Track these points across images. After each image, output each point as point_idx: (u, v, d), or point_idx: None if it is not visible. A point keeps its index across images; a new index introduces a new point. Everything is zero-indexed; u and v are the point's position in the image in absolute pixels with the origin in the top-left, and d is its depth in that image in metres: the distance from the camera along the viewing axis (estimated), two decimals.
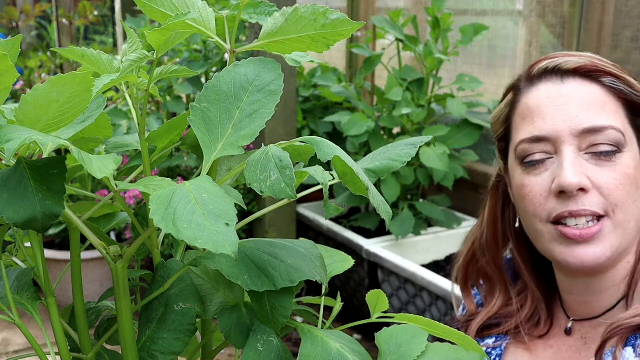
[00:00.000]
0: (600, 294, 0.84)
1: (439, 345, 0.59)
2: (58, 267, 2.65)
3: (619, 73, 0.81)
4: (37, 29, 5.02)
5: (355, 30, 0.56)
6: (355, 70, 3.36)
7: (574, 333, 0.87)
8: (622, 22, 2.26)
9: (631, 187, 0.80)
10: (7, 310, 0.58)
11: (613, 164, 0.79)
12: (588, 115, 0.79)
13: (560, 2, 2.44)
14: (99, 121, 0.60)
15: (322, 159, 0.52)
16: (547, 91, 0.82)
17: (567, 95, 0.80)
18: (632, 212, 0.80)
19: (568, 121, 0.79)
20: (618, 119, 0.80)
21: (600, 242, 0.79)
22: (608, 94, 0.80)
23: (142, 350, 0.58)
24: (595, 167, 0.79)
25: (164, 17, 0.57)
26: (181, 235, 0.44)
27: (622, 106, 0.81)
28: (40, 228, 0.49)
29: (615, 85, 0.80)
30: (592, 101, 0.80)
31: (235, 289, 0.61)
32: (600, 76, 0.80)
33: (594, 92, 0.80)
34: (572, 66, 0.81)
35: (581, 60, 0.81)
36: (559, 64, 0.81)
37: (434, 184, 2.57)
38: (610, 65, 0.81)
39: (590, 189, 0.79)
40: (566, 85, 0.81)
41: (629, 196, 0.80)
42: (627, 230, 0.81)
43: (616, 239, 0.80)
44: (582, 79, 0.81)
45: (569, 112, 0.80)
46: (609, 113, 0.80)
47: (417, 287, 2.21)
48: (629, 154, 0.80)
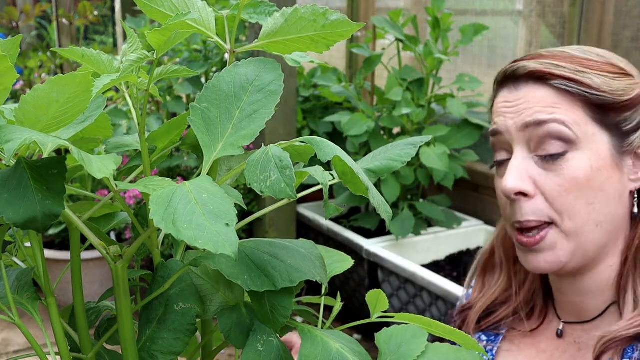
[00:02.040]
0: (586, 295, 0.84)
1: (439, 345, 0.59)
2: (58, 267, 2.66)
3: (571, 75, 0.80)
4: (37, 29, 5.02)
5: (355, 31, 0.56)
6: (355, 70, 3.36)
7: (566, 336, 0.87)
8: (622, 22, 2.26)
9: (581, 190, 0.78)
10: (7, 310, 0.58)
11: (559, 168, 0.79)
12: (534, 109, 0.80)
13: (560, 2, 2.44)
14: (99, 121, 0.60)
15: (322, 159, 0.52)
16: (504, 97, 0.85)
17: (519, 98, 0.82)
18: (584, 217, 0.79)
19: (514, 118, 0.82)
20: (569, 114, 0.79)
21: (549, 249, 0.80)
22: (561, 95, 0.80)
23: (142, 350, 0.58)
24: (541, 171, 0.79)
25: (164, 17, 0.57)
26: (181, 235, 0.44)
27: (581, 106, 0.80)
28: (40, 228, 0.49)
29: (566, 88, 0.80)
30: (542, 101, 0.80)
31: (235, 289, 0.61)
32: (551, 79, 0.80)
33: (544, 93, 0.81)
34: (523, 72, 0.82)
35: (533, 66, 0.81)
36: (514, 70, 0.83)
37: (434, 184, 2.57)
38: (568, 65, 0.80)
39: (535, 195, 0.79)
40: (519, 90, 0.82)
41: (578, 201, 0.78)
42: (583, 235, 0.79)
43: (569, 245, 0.79)
44: (535, 82, 0.82)
45: (517, 110, 0.82)
46: (559, 110, 0.79)
47: (417, 287, 2.21)
48: (584, 154, 0.79)
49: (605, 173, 0.79)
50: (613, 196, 0.80)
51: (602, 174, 0.79)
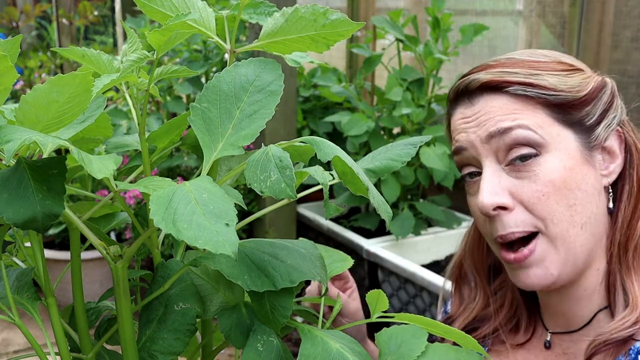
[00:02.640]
0: (574, 303, 0.82)
1: (439, 346, 0.59)
2: (58, 267, 2.66)
3: (525, 79, 0.78)
4: (37, 29, 5.02)
5: (355, 30, 0.56)
6: (355, 70, 3.36)
7: (554, 347, 0.85)
8: (622, 22, 2.26)
9: (559, 192, 0.76)
10: (7, 310, 0.58)
11: (533, 173, 0.76)
12: (495, 120, 0.78)
13: (560, 2, 2.44)
14: (99, 121, 0.61)
15: (322, 159, 0.52)
16: (461, 113, 0.82)
17: (477, 111, 0.80)
18: (568, 219, 0.76)
19: (477, 130, 0.79)
20: (532, 118, 0.77)
21: (539, 262, 0.77)
22: (519, 100, 0.78)
23: (142, 350, 0.58)
24: (515, 181, 0.77)
25: (164, 17, 0.57)
26: (181, 235, 0.44)
27: (542, 108, 0.78)
28: (40, 228, 0.49)
29: (523, 92, 0.78)
30: (501, 109, 0.78)
31: (235, 289, 0.61)
32: (506, 87, 0.78)
33: (502, 101, 0.79)
34: (476, 85, 0.80)
35: (485, 77, 0.80)
36: (467, 84, 0.81)
37: (434, 184, 2.57)
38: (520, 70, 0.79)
39: (513, 206, 0.77)
40: (475, 104, 0.81)
41: (558, 204, 0.76)
42: (570, 240, 0.77)
43: (557, 254, 0.77)
44: (490, 92, 0.79)
45: (478, 122, 0.79)
46: (520, 116, 0.77)
47: (417, 287, 2.21)
48: (555, 155, 0.77)
49: (579, 172, 0.77)
50: (592, 194, 0.78)
51: (577, 173, 0.77)
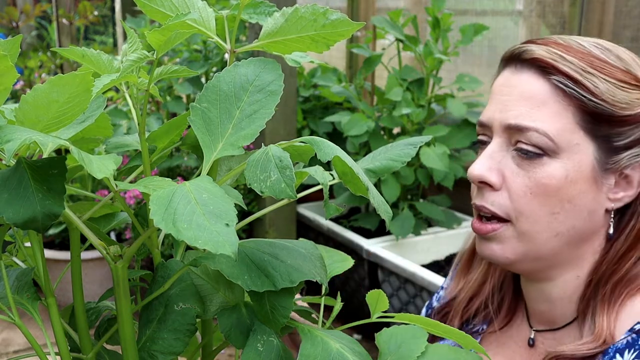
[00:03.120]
0: (552, 303, 0.81)
1: (439, 346, 0.59)
2: (58, 267, 2.65)
3: (574, 74, 0.74)
4: (37, 29, 5.02)
5: (355, 30, 0.56)
6: (355, 70, 3.36)
7: (538, 345, 0.84)
8: (622, 22, 2.26)
9: (547, 198, 0.74)
10: (7, 310, 0.58)
11: (533, 168, 0.75)
12: (519, 111, 0.75)
13: (560, 2, 2.44)
14: (99, 121, 0.60)
15: (322, 159, 0.52)
16: (505, 77, 0.80)
17: (514, 85, 0.77)
18: (544, 224, 0.75)
19: (502, 112, 0.77)
20: (554, 122, 0.74)
21: (499, 242, 0.77)
22: (554, 93, 0.74)
23: (142, 350, 0.58)
24: (515, 167, 0.76)
25: (164, 17, 0.57)
26: (181, 235, 0.44)
27: (573, 110, 0.74)
28: (40, 228, 0.49)
29: (564, 87, 0.74)
30: (532, 97, 0.75)
31: (235, 289, 0.61)
32: (551, 73, 0.75)
33: (539, 88, 0.75)
34: (528, 57, 0.77)
35: (539, 53, 0.76)
36: (521, 52, 0.78)
37: (434, 184, 2.57)
38: (576, 61, 0.74)
39: (500, 188, 0.76)
40: (519, 75, 0.77)
41: (542, 208, 0.75)
42: (539, 242, 0.76)
43: (520, 246, 0.76)
44: (535, 71, 0.76)
45: (506, 103, 0.77)
46: (544, 114, 0.74)
47: (417, 287, 2.21)
48: (563, 163, 0.74)
49: (579, 186, 0.74)
50: (581, 211, 0.75)
51: (576, 187, 0.74)
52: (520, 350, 0.86)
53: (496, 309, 0.89)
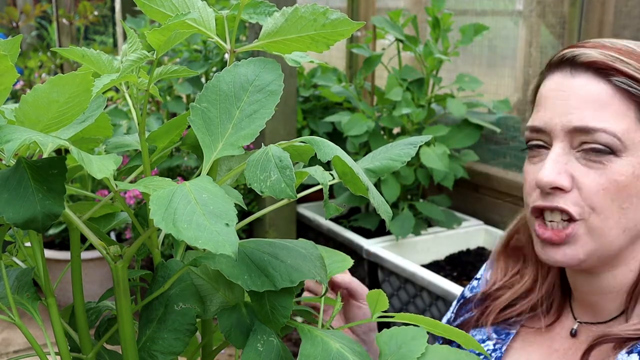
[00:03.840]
0: (602, 295, 0.83)
1: (439, 347, 0.59)
2: (58, 267, 2.65)
3: (635, 74, 0.76)
4: (37, 29, 5.02)
5: (355, 30, 0.56)
6: (355, 70, 3.36)
7: (580, 336, 0.86)
8: (622, 22, 2.26)
9: (618, 193, 0.76)
10: (7, 310, 0.58)
11: (602, 166, 0.76)
12: (584, 113, 0.77)
13: (560, 2, 2.44)
14: (99, 121, 0.60)
15: (322, 159, 0.52)
16: (556, 82, 0.80)
17: (572, 89, 0.78)
18: (614, 219, 0.77)
19: (563, 116, 0.78)
20: (620, 122, 0.76)
21: (571, 244, 0.78)
22: (617, 94, 0.76)
23: (142, 350, 0.58)
24: (582, 168, 0.77)
25: (164, 17, 0.57)
26: (181, 235, 0.44)
27: (635, 109, 0.76)
28: (40, 228, 0.49)
29: (627, 87, 0.76)
30: (594, 100, 0.77)
31: (235, 289, 0.61)
32: (612, 75, 0.76)
33: (599, 90, 0.77)
34: (584, 60, 0.78)
35: (596, 56, 0.77)
36: (575, 56, 0.79)
37: (434, 184, 2.57)
38: (633, 62, 0.77)
39: (570, 190, 0.77)
40: (575, 79, 0.78)
41: (613, 203, 0.76)
42: (607, 236, 0.78)
43: (591, 243, 0.78)
44: (593, 74, 0.77)
45: (567, 107, 0.78)
46: (610, 114, 0.76)
47: (417, 287, 2.21)
48: (629, 161, 0.76)
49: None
50: None
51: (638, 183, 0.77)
52: (562, 340, 0.88)
53: (545, 311, 0.90)
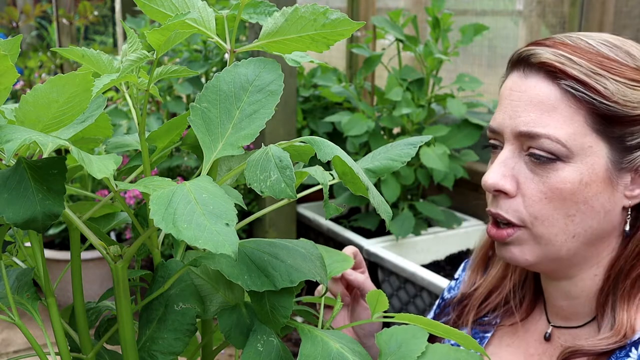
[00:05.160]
0: (571, 300, 0.82)
1: (439, 346, 0.59)
2: (58, 267, 2.65)
3: (582, 77, 0.73)
4: (37, 29, 5.02)
5: (355, 30, 0.56)
6: (355, 70, 3.36)
7: (554, 340, 0.85)
8: (622, 22, 2.26)
9: (562, 202, 0.74)
10: (7, 310, 0.58)
11: (546, 173, 0.74)
12: (530, 117, 0.75)
13: (560, 2, 2.44)
14: (99, 121, 0.61)
15: (322, 159, 0.52)
16: (513, 82, 0.79)
17: (523, 91, 0.76)
18: (560, 227, 0.75)
19: (512, 119, 0.77)
20: (566, 128, 0.73)
21: (517, 246, 0.78)
22: (564, 98, 0.73)
23: (142, 350, 0.58)
24: (528, 173, 0.76)
25: (164, 17, 0.57)
26: (181, 235, 0.44)
27: (584, 114, 0.73)
28: (40, 228, 0.49)
29: (573, 91, 0.73)
30: (542, 103, 0.74)
31: (235, 289, 0.61)
32: (559, 77, 0.73)
33: (548, 93, 0.74)
34: (535, 61, 0.76)
35: (547, 56, 0.75)
36: (529, 55, 0.77)
37: (434, 184, 2.57)
38: (584, 63, 0.73)
39: (515, 194, 0.76)
40: (528, 79, 0.76)
41: (557, 211, 0.75)
42: (557, 244, 0.76)
43: (539, 248, 0.77)
44: (544, 76, 0.75)
45: (516, 109, 0.76)
46: (555, 119, 0.73)
47: (417, 287, 2.21)
48: (577, 167, 0.74)
49: (594, 188, 0.74)
50: (597, 211, 0.75)
51: (591, 189, 0.74)
52: (536, 344, 0.87)
53: (517, 304, 0.90)
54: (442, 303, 1.00)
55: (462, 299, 0.95)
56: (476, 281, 0.95)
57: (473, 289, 0.94)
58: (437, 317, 0.99)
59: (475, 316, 0.92)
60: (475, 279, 0.96)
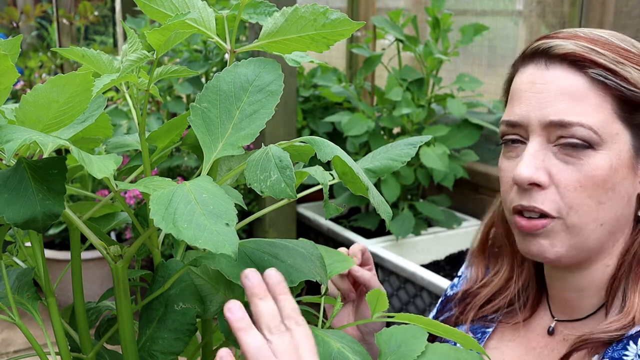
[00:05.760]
0: (579, 292, 0.82)
1: (439, 345, 0.59)
2: (58, 267, 2.65)
3: (610, 65, 0.75)
4: (37, 29, 5.01)
5: (355, 29, 0.56)
6: (355, 70, 3.36)
7: (557, 334, 0.85)
8: (622, 22, 2.26)
9: (595, 189, 0.75)
10: (7, 310, 0.58)
11: (579, 161, 0.75)
12: (560, 107, 0.75)
13: (560, 2, 2.44)
14: (99, 121, 0.61)
15: (322, 159, 0.52)
16: (531, 75, 0.79)
17: (547, 82, 0.77)
18: (592, 213, 0.76)
19: (538, 110, 0.76)
20: (596, 116, 0.75)
21: (548, 237, 0.77)
22: (593, 86, 0.75)
23: (142, 350, 0.58)
24: (559, 163, 0.76)
25: (164, 17, 0.57)
26: (181, 235, 0.44)
27: (611, 101, 0.75)
28: (41, 228, 0.49)
29: (603, 79, 0.74)
30: (570, 92, 0.75)
31: (235, 289, 0.61)
32: (587, 67, 0.75)
33: (575, 82, 0.75)
34: (559, 52, 0.76)
35: (571, 47, 0.76)
36: (549, 47, 0.77)
37: (434, 184, 2.57)
38: (608, 53, 0.75)
39: (548, 186, 0.76)
40: (550, 71, 0.77)
41: (590, 198, 0.75)
42: (586, 233, 0.77)
43: (570, 238, 0.77)
44: (568, 66, 0.76)
45: (543, 100, 0.76)
46: (586, 107, 0.75)
47: (417, 287, 2.21)
48: (606, 154, 0.75)
49: (621, 173, 0.76)
50: (622, 197, 0.77)
51: (618, 175, 0.76)
52: (538, 338, 0.87)
53: (521, 306, 0.90)
54: (444, 300, 1.00)
55: (464, 297, 0.95)
56: (477, 279, 0.95)
57: (476, 287, 0.94)
58: (439, 313, 0.99)
59: (474, 316, 0.92)
60: (477, 275, 0.95)
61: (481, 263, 0.96)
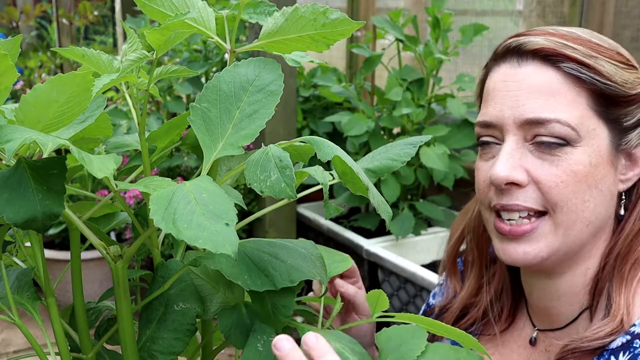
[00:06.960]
0: (558, 299, 0.80)
1: (439, 345, 0.59)
2: (58, 267, 2.65)
3: (584, 59, 0.73)
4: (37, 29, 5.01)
5: (355, 29, 0.56)
6: (355, 70, 3.36)
7: (539, 344, 0.83)
8: (622, 22, 2.26)
9: (578, 185, 0.73)
10: (7, 310, 0.58)
11: (557, 158, 0.73)
12: (534, 104, 0.73)
13: (560, 2, 2.44)
14: (99, 121, 0.60)
15: (322, 159, 0.52)
16: (504, 73, 0.77)
17: (520, 80, 0.75)
18: (578, 212, 0.74)
19: (513, 108, 0.75)
20: (572, 111, 0.73)
21: (533, 241, 0.75)
22: (567, 80, 0.73)
23: (142, 350, 0.58)
24: (536, 160, 0.74)
25: (164, 17, 0.57)
26: (181, 235, 0.44)
27: (586, 96, 0.73)
28: (40, 228, 0.49)
29: (577, 73, 0.73)
30: (544, 88, 0.74)
31: (235, 289, 0.61)
32: (560, 61, 0.73)
33: (549, 78, 0.74)
34: (531, 48, 0.75)
35: (543, 42, 0.74)
36: (520, 44, 0.76)
37: (434, 184, 2.57)
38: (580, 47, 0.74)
39: (527, 184, 0.74)
40: (522, 68, 0.75)
41: (574, 195, 0.73)
42: (572, 232, 0.75)
43: (555, 240, 0.75)
44: (541, 62, 0.74)
45: (517, 98, 0.75)
46: (560, 103, 0.73)
47: (417, 287, 2.21)
48: (584, 150, 0.73)
49: (601, 170, 0.74)
50: (605, 195, 0.75)
51: (599, 171, 0.74)
52: (520, 350, 0.85)
53: (496, 316, 0.87)
54: (427, 309, 0.99)
55: (440, 313, 0.92)
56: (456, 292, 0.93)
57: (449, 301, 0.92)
58: None
59: None
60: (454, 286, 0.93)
61: (454, 272, 0.94)
